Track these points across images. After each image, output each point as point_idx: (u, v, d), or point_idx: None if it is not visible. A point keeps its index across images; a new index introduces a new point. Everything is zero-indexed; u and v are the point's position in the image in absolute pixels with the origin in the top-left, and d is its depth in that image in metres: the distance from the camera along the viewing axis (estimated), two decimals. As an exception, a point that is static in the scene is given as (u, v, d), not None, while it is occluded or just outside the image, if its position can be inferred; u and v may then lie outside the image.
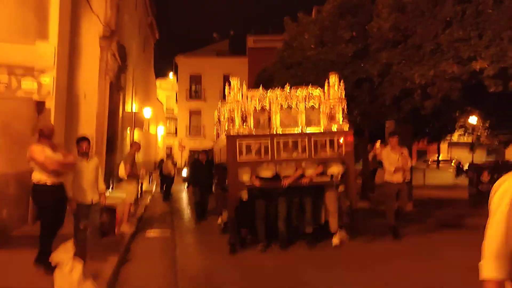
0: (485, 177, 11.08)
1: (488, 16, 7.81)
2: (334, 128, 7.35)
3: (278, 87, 7.68)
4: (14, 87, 4.51)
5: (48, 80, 4.53)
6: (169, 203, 14.41)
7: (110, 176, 15.49)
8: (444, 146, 38.18)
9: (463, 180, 18.11)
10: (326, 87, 7.50)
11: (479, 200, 11.13)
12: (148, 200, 14.00)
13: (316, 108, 7.45)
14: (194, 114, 39.71)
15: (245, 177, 6.82)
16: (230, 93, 7.26)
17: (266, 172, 6.90)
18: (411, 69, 8.93)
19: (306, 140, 7.13)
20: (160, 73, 44.15)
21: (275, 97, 7.35)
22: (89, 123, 12.78)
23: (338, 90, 7.45)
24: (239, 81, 7.30)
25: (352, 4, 12.22)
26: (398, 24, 9.48)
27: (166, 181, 15.78)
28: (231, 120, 7.14)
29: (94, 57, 13.37)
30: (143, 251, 7.10)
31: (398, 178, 7.65)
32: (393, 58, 9.55)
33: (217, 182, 8.92)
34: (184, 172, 21.43)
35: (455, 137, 22.48)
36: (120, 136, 19.16)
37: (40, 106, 8.11)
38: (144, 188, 14.87)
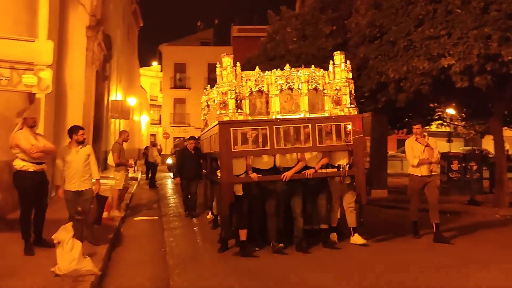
0: (455, 165, 11.81)
1: (456, 16, 8.35)
2: (341, 113, 6.46)
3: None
4: (16, 82, 4.88)
5: (47, 75, 4.90)
6: (156, 190, 14.83)
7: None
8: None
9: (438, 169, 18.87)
10: (331, 67, 6.64)
11: (449, 187, 11.88)
12: (134, 188, 14.39)
13: (320, 90, 6.53)
14: (179, 102, 39.88)
15: (240, 169, 6.09)
16: (222, 73, 6.24)
17: (264, 164, 6.25)
18: (386, 64, 9.47)
19: (310, 127, 6.18)
20: (144, 62, 44.17)
21: (274, 79, 6.37)
22: (76, 112, 13.06)
23: (344, 70, 6.57)
24: (232, 60, 6.23)
25: (333, -1, 12.71)
26: (375, 21, 10.00)
27: (152, 169, 16.17)
28: (224, 104, 6.13)
29: (81, 47, 13.59)
30: (133, 235, 7.56)
31: (423, 171, 6.85)
32: (370, 53, 10.07)
33: (206, 173, 8.47)
34: (169, 160, 21.74)
35: (433, 127, 23.32)
36: (105, 124, 19.41)
37: (31, 96, 8.42)
38: (129, 175, 15.21)
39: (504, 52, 7.82)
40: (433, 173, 6.93)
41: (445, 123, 21.31)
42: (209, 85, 8.08)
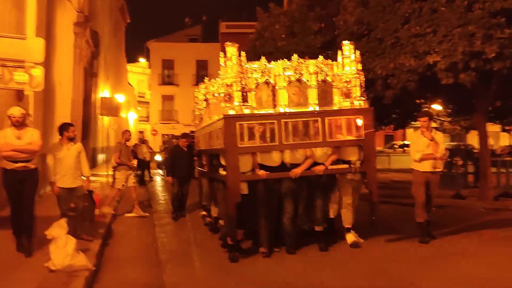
0: (441, 160, 12.01)
1: (441, 14, 8.53)
2: (352, 106, 6.11)
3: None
4: (7, 79, 4.89)
5: (38, 72, 4.92)
6: (146, 187, 14.84)
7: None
8: (410, 131, 39.85)
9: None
10: (339, 58, 6.29)
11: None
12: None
13: (329, 82, 6.17)
14: (167, 99, 39.74)
15: (246, 167, 5.74)
16: (226, 64, 5.79)
17: (271, 160, 5.87)
18: (374, 61, 9.61)
19: (320, 121, 5.85)
20: (132, 58, 43.86)
21: (281, 69, 5.95)
22: (64, 109, 13.01)
23: (354, 61, 6.24)
24: (237, 50, 5.78)
25: (321, -4, 12.82)
26: (362, 18, 10.14)
27: (141, 166, 16.15)
28: (229, 97, 5.70)
29: (69, 44, 13.53)
30: (125, 231, 7.61)
31: (425, 166, 6.47)
32: (358, 50, 10.20)
33: (202, 171, 7.97)
34: (158, 157, 21.70)
35: (419, 123, 23.66)
36: (94, 121, 19.33)
37: (20, 93, 8.40)
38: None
39: (488, 49, 8.02)
40: (436, 170, 6.53)
41: (431, 119, 21.62)
42: (206, 78, 7.68)
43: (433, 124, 24.98)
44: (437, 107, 19.94)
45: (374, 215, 6.22)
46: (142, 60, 46.31)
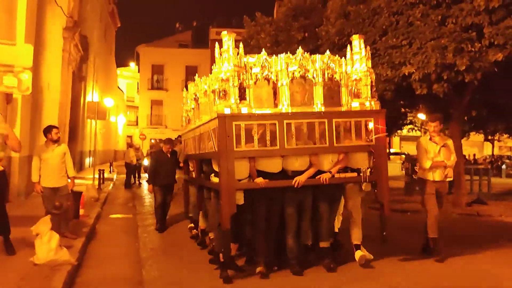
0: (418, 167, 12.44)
1: (416, 27, 8.98)
2: (360, 106, 5.48)
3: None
4: (-3, 83, 5.15)
5: (27, 76, 5.18)
6: (131, 190, 15.05)
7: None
8: (396, 139, 40.54)
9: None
10: (348, 54, 5.67)
11: (412, 187, 12.53)
12: (110, 187, 14.58)
13: (336, 81, 5.52)
14: (156, 104, 39.89)
15: (242, 173, 5.07)
16: (222, 56, 5.14)
17: (271, 166, 5.20)
18: (353, 70, 10.01)
19: (326, 123, 5.23)
20: (122, 62, 44.03)
21: (284, 64, 5.28)
22: (52, 112, 13.20)
23: (364, 57, 5.58)
24: (233, 40, 5.14)
25: (306, 7, 13.26)
26: (343, 29, 10.55)
27: (128, 169, 16.35)
28: (224, 94, 5.04)
29: (58, 48, 13.73)
30: (108, 231, 7.84)
31: (436, 176, 5.92)
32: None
33: (189, 178, 7.43)
34: (145, 161, 21.85)
35: (405, 132, 24.19)
36: (81, 125, 19.48)
37: (9, 96, 8.64)
38: (106, 175, 15.43)
39: (459, 62, 8.46)
40: (448, 179, 6.10)
41: (416, 128, 22.20)
42: (197, 75, 6.98)
43: (418, 133, 25.71)
44: (421, 116, 20.51)
45: (385, 230, 5.59)
46: (132, 64, 46.45)
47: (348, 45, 5.77)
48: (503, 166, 23.29)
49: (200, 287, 4.87)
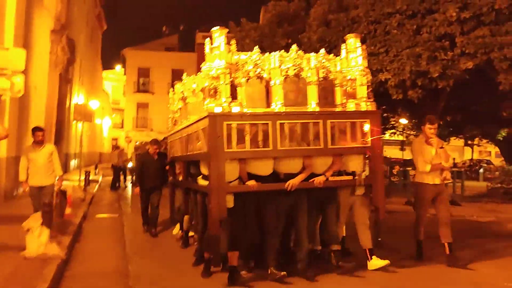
0: (396, 170, 12.95)
1: (393, 36, 9.45)
2: (356, 107, 5.28)
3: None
4: (-10, 86, 5.38)
5: (19, 79, 5.42)
6: (116, 191, 15.23)
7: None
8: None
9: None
10: (344, 53, 5.51)
11: (390, 189, 12.99)
12: (95, 189, 14.74)
13: (331, 80, 5.32)
14: (142, 107, 39.94)
15: (231, 175, 4.86)
16: (213, 52, 4.92)
17: (262, 169, 5.00)
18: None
19: (321, 123, 5.05)
20: (108, 65, 43.97)
21: (278, 62, 5.07)
22: (39, 114, 13.32)
23: (361, 56, 5.40)
24: (225, 36, 4.91)
25: (289, 14, 13.68)
26: (324, 37, 10.99)
27: (113, 171, 16.53)
28: (214, 92, 4.84)
29: (45, 50, 13.87)
30: (95, 229, 8.08)
31: (435, 179, 5.78)
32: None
33: (175, 181, 7.26)
34: (129, 164, 21.96)
35: (387, 136, 24.77)
36: (67, 126, 19.57)
37: (-4, 98, 8.81)
38: (91, 177, 15.59)
39: (432, 69, 8.97)
40: (446, 182, 5.97)
41: (398, 132, 22.79)
42: (185, 73, 6.73)
43: (400, 137, 26.21)
44: (403, 120, 21.10)
45: (380, 236, 5.47)
46: (118, 67, 46.41)
47: (343, 44, 5.64)
48: (481, 170, 24.01)
49: (182, 279, 5.14)
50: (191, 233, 6.63)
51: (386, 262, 5.18)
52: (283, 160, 5.03)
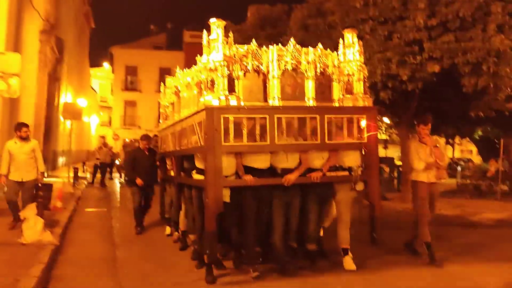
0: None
1: (366, 41, 10.04)
2: (353, 102, 5.29)
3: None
4: (-13, 88, 5.85)
5: (15, 81, 5.91)
6: (105, 188, 15.69)
7: (45, 164, 16.37)
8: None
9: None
10: (341, 48, 5.54)
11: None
12: (84, 186, 15.19)
13: (328, 75, 5.32)
14: (129, 105, 40.24)
15: (228, 170, 4.84)
16: (210, 44, 4.86)
17: (259, 162, 4.99)
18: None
19: (318, 118, 5.05)
20: (95, 62, 44.08)
21: (276, 56, 5.04)
22: (28, 112, 13.69)
23: (357, 51, 5.43)
24: (223, 28, 4.86)
25: (272, 17, 14.26)
26: (303, 41, 11.54)
27: (101, 168, 16.95)
28: (212, 85, 4.77)
29: (34, 50, 14.23)
30: (84, 222, 8.60)
31: (431, 177, 5.79)
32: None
33: (166, 177, 7.22)
34: (117, 161, 22.34)
35: (371, 135, 25.44)
36: (56, 124, 19.91)
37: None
38: (79, 174, 16.02)
39: (402, 72, 9.60)
40: (442, 180, 6.03)
41: (381, 131, 23.52)
42: (178, 66, 6.74)
43: (383, 136, 27.04)
44: (386, 119, 21.80)
45: (375, 232, 5.38)
46: (105, 64, 46.53)
47: (340, 39, 5.64)
48: (458, 168, 24.89)
49: (167, 263, 5.68)
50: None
51: (353, 268, 5.15)
52: (280, 155, 5.05)
